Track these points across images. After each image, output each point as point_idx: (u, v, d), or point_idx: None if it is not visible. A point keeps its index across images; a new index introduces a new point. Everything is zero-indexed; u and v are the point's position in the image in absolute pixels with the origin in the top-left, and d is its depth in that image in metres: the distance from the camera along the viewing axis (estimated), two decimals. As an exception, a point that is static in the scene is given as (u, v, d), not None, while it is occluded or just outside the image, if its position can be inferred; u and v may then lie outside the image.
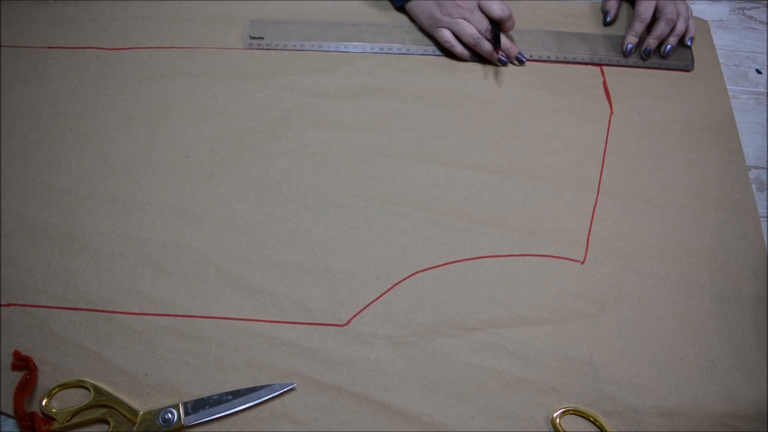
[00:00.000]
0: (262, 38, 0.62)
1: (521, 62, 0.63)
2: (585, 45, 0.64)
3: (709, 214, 0.55)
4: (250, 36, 0.62)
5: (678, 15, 0.61)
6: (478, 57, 0.63)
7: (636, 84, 0.62)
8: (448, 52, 0.63)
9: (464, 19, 0.61)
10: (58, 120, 0.58)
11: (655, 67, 0.63)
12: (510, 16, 0.61)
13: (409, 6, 0.64)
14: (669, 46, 0.62)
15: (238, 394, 0.46)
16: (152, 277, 0.51)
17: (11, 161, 0.56)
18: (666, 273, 0.52)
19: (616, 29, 0.66)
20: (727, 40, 0.67)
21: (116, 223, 0.53)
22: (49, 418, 0.45)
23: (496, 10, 0.60)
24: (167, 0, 0.66)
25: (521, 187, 0.56)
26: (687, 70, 0.63)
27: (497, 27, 0.61)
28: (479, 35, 0.61)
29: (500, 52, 0.61)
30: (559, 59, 0.63)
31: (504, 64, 0.62)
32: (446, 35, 0.62)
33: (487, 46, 0.61)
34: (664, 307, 0.51)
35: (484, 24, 0.61)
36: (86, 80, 0.61)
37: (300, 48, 0.63)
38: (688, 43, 0.62)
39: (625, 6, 0.67)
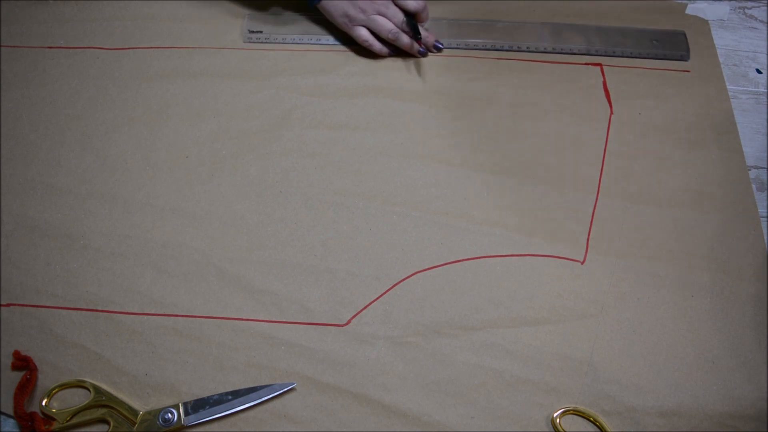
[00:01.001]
0: (260, 32, 0.62)
1: (439, 49, 0.61)
2: (581, 36, 0.64)
3: (709, 214, 0.55)
4: (249, 30, 0.62)
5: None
6: (397, 51, 0.62)
7: (636, 84, 0.62)
8: (367, 51, 0.62)
9: (380, 14, 0.60)
10: (58, 120, 0.58)
11: (655, 67, 0.63)
12: (425, 7, 0.60)
13: (323, 5, 0.62)
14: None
15: (238, 394, 0.46)
16: (152, 277, 0.51)
17: (11, 161, 0.56)
18: (666, 273, 0.52)
19: (617, 26, 0.66)
20: (727, 40, 0.67)
21: (116, 223, 0.53)
22: (49, 418, 0.45)
23: (411, 3, 0.60)
24: (167, 0, 0.66)
25: (521, 187, 0.56)
26: (684, 60, 0.63)
27: (413, 18, 0.60)
28: (397, 29, 0.60)
29: (421, 44, 0.61)
30: (556, 50, 0.63)
31: (424, 55, 0.62)
32: (363, 34, 0.61)
33: (406, 39, 0.60)
34: (664, 307, 0.51)
35: (400, 17, 0.60)
36: (86, 80, 0.61)
37: (299, 41, 0.63)
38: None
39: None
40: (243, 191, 0.55)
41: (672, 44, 0.64)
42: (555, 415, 0.46)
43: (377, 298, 0.51)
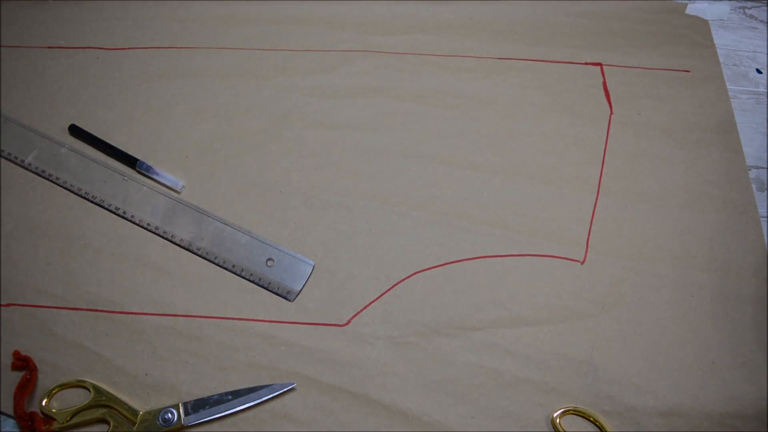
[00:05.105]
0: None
1: None
2: (189, 218, 0.54)
3: (709, 214, 0.55)
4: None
5: None
6: None
7: (636, 84, 0.62)
8: None
9: None
10: (58, 120, 0.58)
11: (655, 67, 0.63)
12: None
13: None
14: None
15: (238, 394, 0.46)
16: (152, 277, 0.51)
17: (11, 161, 0.56)
18: (666, 273, 0.52)
19: (617, 26, 0.66)
20: (728, 40, 0.67)
21: (116, 223, 0.53)
22: (49, 418, 0.45)
23: None
24: (168, 0, 0.66)
25: (521, 187, 0.56)
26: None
27: None
28: None
29: None
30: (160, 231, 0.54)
31: None
32: None
33: None
34: (664, 307, 0.51)
35: None
36: (86, 80, 0.61)
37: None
38: None
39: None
40: (243, 191, 0.55)
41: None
42: (555, 415, 0.46)
43: (377, 298, 0.51)
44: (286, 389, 0.47)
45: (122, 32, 0.64)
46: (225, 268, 0.52)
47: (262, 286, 0.51)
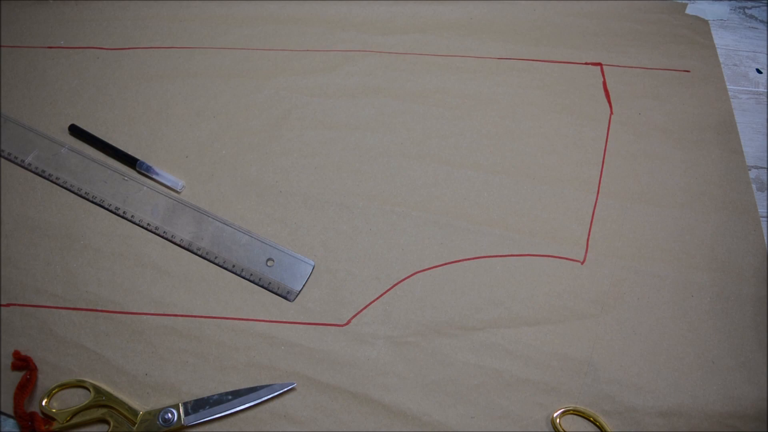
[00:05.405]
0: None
1: None
2: (189, 216, 0.54)
3: (709, 214, 0.55)
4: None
5: None
6: None
7: (636, 84, 0.62)
8: None
9: None
10: (58, 120, 0.58)
11: (655, 67, 0.63)
12: None
13: None
14: None
15: (238, 394, 0.46)
16: (152, 277, 0.51)
17: (11, 161, 0.56)
18: (666, 273, 0.52)
19: (617, 26, 0.66)
20: (728, 40, 0.67)
21: (116, 223, 0.53)
22: (49, 418, 0.45)
23: None
24: (167, 0, 0.66)
25: (521, 187, 0.56)
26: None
27: None
28: None
29: None
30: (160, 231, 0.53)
31: None
32: None
33: None
34: (664, 307, 0.51)
35: None
36: (86, 80, 0.61)
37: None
38: None
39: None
40: (243, 191, 0.55)
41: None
42: (555, 415, 0.46)
43: (377, 298, 0.51)
44: (286, 389, 0.47)
45: (122, 32, 0.64)
46: (225, 268, 0.52)
47: (262, 286, 0.51)
